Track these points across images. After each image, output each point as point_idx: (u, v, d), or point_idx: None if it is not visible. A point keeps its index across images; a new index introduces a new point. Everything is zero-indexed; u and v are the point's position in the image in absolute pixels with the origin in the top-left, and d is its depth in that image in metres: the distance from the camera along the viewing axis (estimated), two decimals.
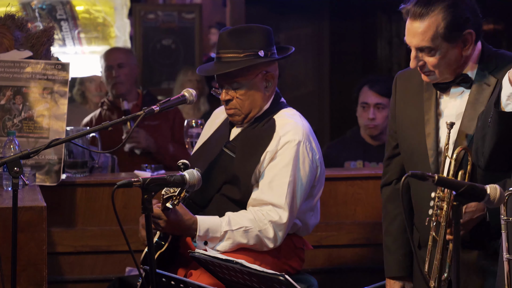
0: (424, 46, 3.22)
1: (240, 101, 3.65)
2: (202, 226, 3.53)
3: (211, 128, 3.92)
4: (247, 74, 3.63)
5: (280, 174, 3.59)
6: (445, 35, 3.19)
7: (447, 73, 3.28)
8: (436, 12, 3.18)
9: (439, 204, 3.19)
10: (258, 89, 3.67)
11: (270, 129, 3.66)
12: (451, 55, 3.23)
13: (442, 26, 3.18)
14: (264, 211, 3.58)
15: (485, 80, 3.26)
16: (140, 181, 2.88)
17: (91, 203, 4.43)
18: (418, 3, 3.22)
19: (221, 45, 3.65)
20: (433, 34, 3.19)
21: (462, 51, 3.24)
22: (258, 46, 3.62)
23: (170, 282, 3.06)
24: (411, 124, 3.42)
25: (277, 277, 2.86)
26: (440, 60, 3.23)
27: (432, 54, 3.22)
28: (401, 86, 3.51)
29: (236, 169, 3.65)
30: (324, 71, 10.08)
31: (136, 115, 3.45)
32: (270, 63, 3.68)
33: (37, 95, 4.28)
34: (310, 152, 3.64)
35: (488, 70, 3.27)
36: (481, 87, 3.27)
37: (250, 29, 3.67)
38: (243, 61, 3.60)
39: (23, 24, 4.42)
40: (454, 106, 3.32)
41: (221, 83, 3.68)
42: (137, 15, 8.18)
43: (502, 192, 2.59)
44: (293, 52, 3.78)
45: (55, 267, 4.35)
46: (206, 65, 3.80)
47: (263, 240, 3.58)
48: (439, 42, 3.20)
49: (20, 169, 3.20)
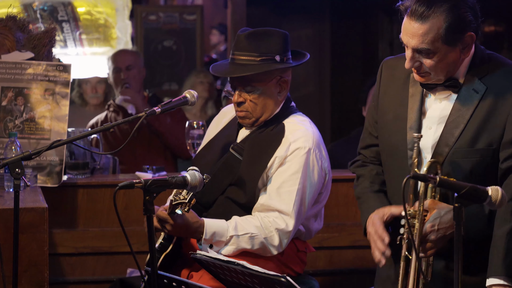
0: (423, 48, 3.11)
1: (253, 104, 3.63)
2: (209, 230, 3.52)
3: (217, 126, 3.89)
4: (262, 79, 3.61)
5: (289, 181, 3.57)
6: (446, 38, 3.08)
7: (442, 75, 3.18)
8: (438, 14, 3.07)
9: (411, 221, 3.12)
10: (272, 93, 3.65)
11: (279, 133, 3.63)
12: (449, 58, 3.13)
13: (443, 28, 3.07)
14: (270, 218, 3.57)
15: (474, 86, 3.17)
16: (141, 182, 2.88)
17: (92, 204, 4.44)
18: (420, 2, 3.10)
19: (238, 46, 3.62)
20: (433, 37, 3.08)
21: (460, 54, 3.14)
22: (275, 51, 3.59)
23: (172, 284, 3.06)
24: (393, 118, 3.31)
25: (279, 278, 2.86)
26: (438, 63, 3.13)
27: (431, 57, 3.12)
28: (387, 75, 3.39)
29: (243, 172, 3.63)
30: (325, 72, 10.07)
31: (137, 116, 3.45)
32: (285, 69, 3.65)
33: (39, 96, 4.28)
34: (320, 160, 3.63)
35: (479, 76, 3.18)
36: (469, 93, 3.17)
37: (268, 32, 3.63)
38: (259, 65, 3.57)
39: (24, 25, 4.42)
40: (439, 108, 3.23)
41: (235, 85, 3.65)
42: (139, 16, 8.19)
43: (503, 193, 2.59)
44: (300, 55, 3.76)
45: (56, 268, 4.35)
46: (220, 65, 3.74)
47: (267, 247, 3.58)
48: (438, 45, 3.09)
49: (21, 170, 3.20)
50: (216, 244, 3.53)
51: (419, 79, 3.22)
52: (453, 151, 3.15)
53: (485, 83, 3.16)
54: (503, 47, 8.51)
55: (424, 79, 3.20)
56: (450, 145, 3.16)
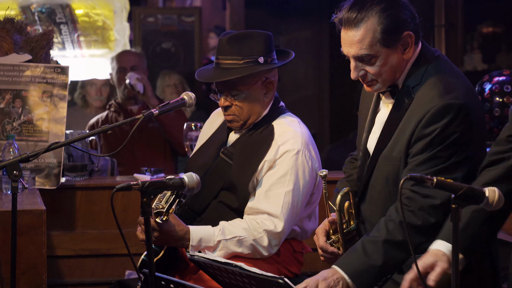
0: (363, 55, 3.06)
1: (239, 108, 3.62)
2: (195, 236, 3.51)
3: (209, 129, 3.89)
4: (247, 82, 3.59)
5: (278, 184, 3.56)
6: (384, 40, 3.03)
7: (390, 80, 3.13)
8: (370, 17, 3.02)
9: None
10: (258, 96, 3.64)
11: (268, 136, 3.62)
12: (392, 61, 3.08)
13: (379, 31, 3.03)
14: (259, 220, 3.56)
15: (406, 96, 3.12)
16: (139, 184, 2.88)
17: (90, 206, 4.44)
18: (350, 10, 3.06)
19: (220, 51, 3.61)
20: (370, 41, 3.03)
21: (403, 55, 3.09)
22: (258, 52, 3.58)
23: (170, 285, 3.06)
24: (361, 120, 3.37)
25: (276, 280, 2.86)
26: (381, 68, 3.07)
27: (373, 62, 3.07)
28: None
29: (234, 177, 3.62)
30: (324, 74, 10.08)
31: (135, 118, 3.45)
32: (269, 70, 3.63)
33: (37, 98, 4.29)
34: (310, 161, 3.62)
35: (412, 84, 3.12)
36: (402, 100, 3.13)
37: (249, 35, 3.62)
38: (242, 68, 3.56)
39: (22, 27, 4.42)
40: (383, 113, 3.23)
41: (220, 89, 3.64)
42: (137, 18, 8.19)
43: (500, 195, 2.58)
44: (293, 56, 3.76)
45: (54, 270, 4.36)
46: (204, 70, 3.74)
47: (257, 249, 3.57)
48: (378, 48, 3.04)
49: (19, 173, 3.20)
50: (204, 250, 3.51)
51: (367, 89, 3.19)
52: (381, 157, 3.18)
53: (414, 92, 3.11)
54: (501, 48, 8.52)
55: (372, 88, 3.16)
56: (381, 150, 3.18)
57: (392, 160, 3.14)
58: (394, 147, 3.14)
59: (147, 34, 8.22)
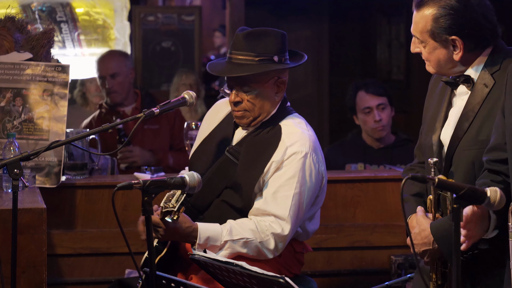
0: (416, 36, 3.25)
1: (250, 104, 3.60)
2: (203, 235, 3.50)
3: (211, 122, 3.84)
4: (260, 79, 3.58)
5: (286, 186, 3.55)
6: (432, 33, 3.18)
7: (439, 70, 3.27)
8: (431, 7, 3.17)
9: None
10: (269, 94, 3.62)
11: (275, 137, 3.60)
12: (438, 54, 3.22)
13: (430, 23, 3.18)
14: (267, 222, 3.54)
15: (485, 81, 3.23)
16: (140, 183, 2.88)
17: (91, 205, 4.43)
18: None
19: (236, 46, 3.58)
20: (421, 28, 3.20)
21: (452, 54, 3.20)
22: (273, 51, 3.56)
23: (170, 284, 3.06)
24: (431, 117, 3.40)
25: (277, 279, 2.86)
26: (429, 55, 3.24)
27: (424, 46, 3.23)
28: (435, 80, 3.48)
29: (239, 176, 3.60)
30: (324, 73, 10.08)
31: (136, 117, 3.44)
32: (282, 70, 3.62)
33: (37, 97, 4.28)
34: (317, 164, 3.61)
35: (491, 71, 3.22)
36: (481, 87, 3.22)
37: (266, 32, 3.60)
38: (257, 65, 3.54)
39: (23, 26, 4.42)
40: (459, 105, 3.29)
41: (232, 85, 3.61)
42: (137, 17, 8.19)
43: (502, 194, 2.58)
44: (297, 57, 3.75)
45: (54, 269, 4.35)
46: (217, 64, 3.71)
47: (262, 251, 3.56)
48: (426, 37, 3.20)
49: (20, 171, 3.20)
50: (210, 248, 3.48)
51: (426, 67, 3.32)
52: (461, 143, 3.22)
53: (495, 77, 3.21)
54: None
55: (427, 68, 3.30)
56: (460, 137, 3.22)
57: (480, 144, 3.17)
58: (480, 130, 3.18)
59: (147, 33, 8.23)
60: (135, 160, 5.45)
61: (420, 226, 3.25)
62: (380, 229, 4.59)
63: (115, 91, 5.66)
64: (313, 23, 9.98)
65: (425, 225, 3.23)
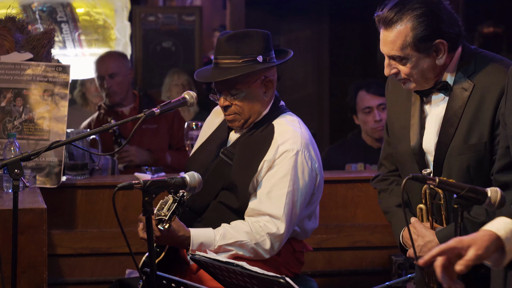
0: (394, 55, 3.16)
1: (239, 107, 3.61)
2: (196, 241, 3.51)
3: (210, 127, 3.87)
4: (246, 81, 3.59)
5: (279, 185, 3.55)
6: (415, 45, 3.11)
7: (423, 81, 3.21)
8: (404, 21, 3.11)
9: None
10: (257, 95, 3.63)
11: (268, 136, 3.61)
12: (423, 65, 3.15)
13: (410, 36, 3.11)
14: (261, 223, 3.55)
15: (463, 85, 3.19)
16: (140, 183, 2.88)
17: (91, 205, 4.44)
18: (389, 10, 3.14)
19: (219, 50, 3.60)
20: (402, 44, 3.12)
21: (435, 60, 3.16)
22: (256, 51, 3.57)
23: (171, 285, 3.06)
24: (400, 127, 3.37)
25: (278, 279, 2.86)
26: (412, 69, 3.16)
27: (404, 63, 3.15)
28: (392, 89, 3.45)
29: (234, 177, 3.61)
30: (324, 73, 10.08)
31: (136, 117, 3.44)
32: (268, 69, 3.63)
33: (38, 97, 4.28)
34: (309, 161, 3.61)
35: (466, 75, 3.19)
36: (459, 91, 3.19)
37: (248, 34, 3.61)
38: (241, 67, 3.55)
39: (23, 26, 4.42)
40: (436, 112, 3.26)
41: (219, 89, 3.63)
42: (137, 17, 8.19)
43: (503, 195, 2.58)
44: (292, 55, 3.74)
45: (55, 269, 4.35)
46: (203, 70, 3.74)
47: (258, 252, 3.56)
48: (408, 51, 3.13)
49: (20, 171, 3.20)
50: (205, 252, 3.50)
51: (403, 86, 3.25)
52: (450, 149, 3.20)
53: (472, 80, 3.18)
54: (502, 48, 8.52)
55: (405, 85, 3.23)
56: (447, 143, 3.20)
57: (472, 148, 3.16)
58: (470, 135, 3.16)
59: (147, 33, 8.22)
60: (131, 159, 5.47)
61: (424, 238, 3.22)
62: (381, 229, 4.59)
63: (114, 91, 5.68)
64: (313, 23, 9.98)
65: (429, 236, 3.20)
